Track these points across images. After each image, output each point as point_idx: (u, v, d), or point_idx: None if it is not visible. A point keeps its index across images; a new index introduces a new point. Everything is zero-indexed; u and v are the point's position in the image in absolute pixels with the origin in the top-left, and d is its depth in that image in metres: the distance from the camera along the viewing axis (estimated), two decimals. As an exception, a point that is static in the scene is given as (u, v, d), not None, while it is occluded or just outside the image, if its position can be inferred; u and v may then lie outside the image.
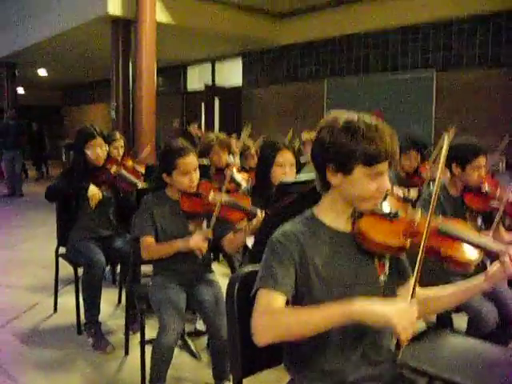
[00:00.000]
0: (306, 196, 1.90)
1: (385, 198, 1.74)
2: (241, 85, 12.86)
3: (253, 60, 12.49)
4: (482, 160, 3.18)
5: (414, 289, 1.54)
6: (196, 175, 2.99)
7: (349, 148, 1.59)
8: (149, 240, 2.94)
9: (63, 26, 10.60)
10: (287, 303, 1.60)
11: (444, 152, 1.68)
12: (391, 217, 1.74)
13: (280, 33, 11.34)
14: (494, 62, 8.36)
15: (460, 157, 3.19)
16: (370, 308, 1.47)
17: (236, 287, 1.77)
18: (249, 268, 1.84)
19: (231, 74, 13.21)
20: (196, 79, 14.47)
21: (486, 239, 1.81)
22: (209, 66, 13.92)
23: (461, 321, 3.17)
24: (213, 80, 13.81)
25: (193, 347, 3.61)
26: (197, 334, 3.84)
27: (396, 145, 1.64)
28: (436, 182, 1.71)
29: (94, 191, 3.81)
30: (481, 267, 1.75)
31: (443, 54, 8.97)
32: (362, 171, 1.60)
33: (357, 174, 1.61)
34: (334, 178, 1.64)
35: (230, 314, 1.79)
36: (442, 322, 3.16)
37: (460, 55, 8.76)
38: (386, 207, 1.76)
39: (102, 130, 3.97)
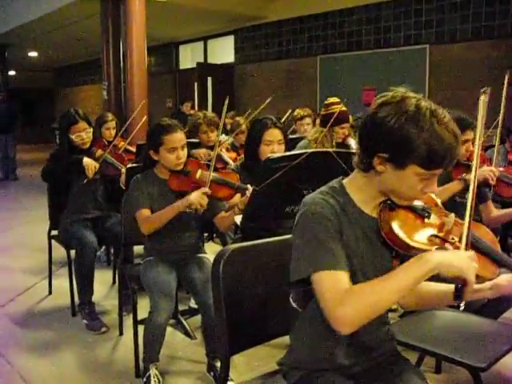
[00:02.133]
0: (293, 170, 1.89)
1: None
2: (233, 62, 12.77)
3: (245, 37, 12.38)
4: (468, 134, 3.16)
5: (467, 238, 1.46)
6: (183, 152, 2.97)
7: (413, 143, 1.42)
8: (146, 212, 2.91)
9: (52, 5, 10.50)
10: None
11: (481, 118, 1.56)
12: (423, 215, 1.59)
13: (272, 9, 11.23)
14: (487, 35, 8.29)
15: None
16: (444, 259, 1.39)
17: (222, 264, 1.74)
18: (235, 245, 1.83)
19: (223, 51, 13.11)
20: (188, 57, 14.36)
21: (505, 256, 1.69)
22: (201, 44, 13.81)
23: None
24: (205, 58, 13.70)
25: (186, 326, 3.63)
26: (191, 312, 3.85)
27: (460, 149, 1.50)
28: (471, 182, 1.55)
29: (88, 161, 3.77)
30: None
31: (436, 28, 8.89)
32: (416, 171, 1.46)
33: (409, 171, 1.47)
34: (382, 166, 1.50)
35: (216, 291, 1.76)
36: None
37: (453, 29, 8.69)
38: (418, 202, 1.62)
39: (85, 113, 3.92)
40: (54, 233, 4.13)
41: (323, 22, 10.60)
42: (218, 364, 2.91)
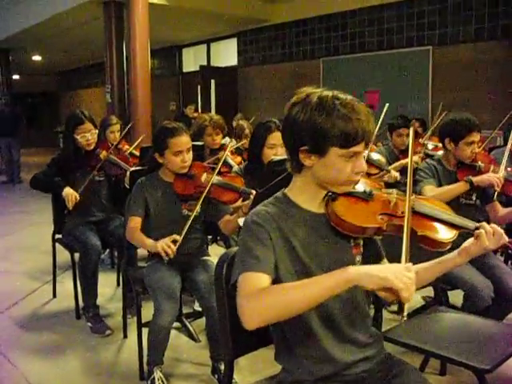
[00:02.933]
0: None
1: (359, 180, 1.66)
2: (236, 65, 12.78)
3: (248, 40, 12.40)
4: (475, 136, 3.18)
5: (406, 254, 1.48)
6: (188, 156, 2.98)
7: (323, 128, 1.51)
8: (134, 221, 2.97)
9: (55, 9, 10.55)
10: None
11: (411, 141, 1.68)
12: (366, 197, 1.69)
13: (274, 12, 11.25)
14: (490, 36, 8.28)
15: (453, 132, 3.20)
16: (365, 270, 1.40)
17: (225, 266, 1.75)
18: (235, 249, 1.83)
19: (226, 54, 13.13)
20: (192, 60, 14.38)
21: (461, 218, 1.77)
22: (204, 46, 13.82)
23: (457, 299, 3.17)
24: (208, 61, 13.72)
25: (191, 329, 3.63)
26: (195, 315, 3.85)
27: (372, 124, 1.57)
28: (409, 165, 1.65)
29: (68, 192, 3.72)
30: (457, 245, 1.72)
31: (439, 30, 8.89)
32: (337, 152, 1.53)
33: (332, 155, 1.54)
34: (307, 160, 1.57)
35: (219, 293, 1.77)
36: (438, 299, 3.18)
37: (456, 30, 8.67)
38: (361, 187, 1.70)
39: (91, 114, 3.94)
40: (59, 236, 4.13)
41: (326, 24, 10.61)
42: (223, 367, 2.91)
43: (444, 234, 1.72)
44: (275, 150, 3.15)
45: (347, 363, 1.66)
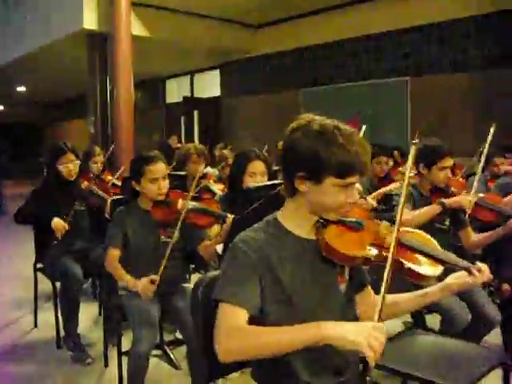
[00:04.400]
0: (273, 199, 1.94)
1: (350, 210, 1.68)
2: (219, 96, 12.93)
3: (230, 71, 12.58)
4: (447, 161, 3.26)
5: (380, 310, 1.47)
6: (164, 183, 3.04)
7: (322, 157, 1.54)
8: (113, 253, 3.02)
9: (40, 42, 10.66)
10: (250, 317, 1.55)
11: (410, 163, 1.66)
12: (357, 227, 1.70)
13: (256, 43, 11.46)
14: (464, 67, 8.51)
15: (426, 158, 3.28)
16: (338, 333, 1.41)
17: (200, 291, 1.79)
18: (214, 272, 1.88)
19: (209, 85, 13.29)
20: (175, 92, 14.52)
21: (449, 254, 1.80)
22: (187, 78, 13.99)
23: (435, 321, 3.22)
24: (192, 92, 13.87)
25: (172, 356, 3.64)
26: (177, 343, 3.86)
27: (369, 156, 1.60)
28: (403, 194, 1.66)
29: (56, 223, 3.78)
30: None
31: (415, 60, 9.11)
32: (333, 182, 1.56)
33: (327, 184, 1.57)
34: (302, 186, 1.59)
35: (195, 316, 1.81)
36: (416, 323, 3.23)
37: (432, 61, 8.91)
38: (352, 217, 1.72)
39: (73, 145, 4.00)
40: (40, 266, 4.14)
41: (306, 55, 10.81)
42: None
43: (429, 269, 1.72)
44: (255, 178, 3.19)
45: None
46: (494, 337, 3.37)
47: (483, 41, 8.25)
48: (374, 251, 1.66)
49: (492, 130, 3.63)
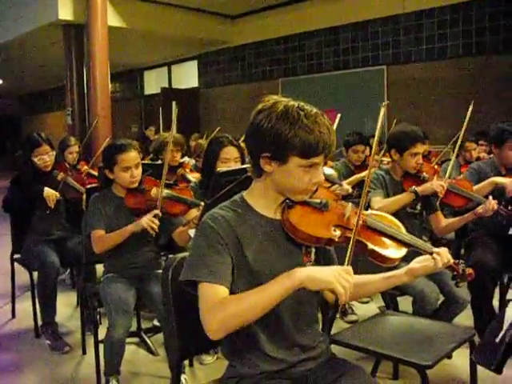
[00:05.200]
0: (243, 182, 1.97)
1: (316, 190, 1.71)
2: (197, 86, 12.91)
3: (208, 62, 12.57)
4: (419, 147, 3.30)
5: (349, 257, 1.59)
6: (138, 171, 3.06)
7: (286, 137, 1.55)
8: (99, 232, 3.00)
9: (15, 32, 10.55)
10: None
11: (379, 126, 1.72)
12: (321, 208, 1.72)
13: (233, 34, 11.48)
14: (440, 56, 8.61)
15: (398, 143, 3.32)
16: (309, 273, 1.49)
17: (170, 271, 1.83)
18: (182, 254, 1.91)
19: (188, 76, 13.28)
20: (153, 83, 14.47)
21: (413, 237, 1.85)
22: (165, 69, 13.95)
23: (408, 305, 3.29)
24: (170, 83, 13.83)
25: (150, 343, 3.67)
26: (154, 330, 3.89)
27: (333, 138, 1.62)
28: (367, 174, 1.78)
29: (49, 192, 3.84)
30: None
31: (392, 50, 9.19)
32: (297, 162, 1.58)
33: (291, 164, 1.59)
34: (268, 166, 1.62)
35: (165, 298, 1.84)
36: (387, 305, 3.30)
37: (408, 50, 9.00)
38: (318, 198, 1.74)
39: (48, 136, 4.00)
40: (17, 256, 4.14)
41: (284, 45, 10.86)
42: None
43: (393, 251, 1.77)
44: (228, 163, 3.23)
45: (291, 362, 1.73)
46: (465, 318, 3.47)
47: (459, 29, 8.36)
48: (337, 232, 1.69)
49: (470, 109, 3.69)
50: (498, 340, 1.38)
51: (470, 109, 3.70)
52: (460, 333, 2.49)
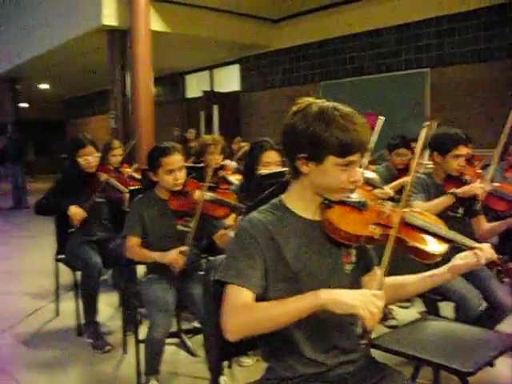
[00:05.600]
0: (284, 185, 1.97)
1: (354, 189, 1.71)
2: (239, 90, 12.97)
3: (250, 65, 12.62)
4: (461, 149, 3.25)
5: (381, 279, 1.56)
6: (181, 174, 3.08)
7: (322, 137, 1.57)
8: (134, 240, 3.06)
9: (61, 38, 10.81)
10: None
11: (420, 145, 1.72)
12: (360, 207, 1.73)
13: (275, 38, 11.51)
14: (485, 58, 8.43)
15: (440, 146, 3.28)
16: (335, 297, 1.47)
17: (212, 273, 1.83)
18: (223, 256, 1.90)
19: (229, 80, 13.36)
20: (195, 87, 14.59)
21: (454, 233, 1.82)
22: (207, 73, 14.06)
23: (449, 310, 3.22)
24: (211, 86, 13.93)
25: (189, 344, 3.70)
26: (195, 331, 3.91)
27: (368, 135, 1.64)
28: (410, 176, 1.76)
29: (74, 211, 3.87)
30: (444, 258, 1.79)
31: (436, 52, 9.05)
32: (334, 161, 1.59)
33: (328, 163, 1.59)
34: (305, 167, 1.62)
35: (206, 300, 1.86)
36: (429, 310, 3.24)
37: (452, 52, 8.84)
38: (356, 197, 1.74)
39: (93, 138, 4.08)
40: (61, 256, 4.21)
41: (325, 48, 10.82)
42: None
43: (434, 246, 1.75)
44: (269, 167, 3.24)
45: (330, 365, 1.70)
46: (509, 326, 3.37)
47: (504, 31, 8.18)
48: (377, 230, 1.69)
49: (511, 116, 3.59)
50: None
51: (510, 117, 3.59)
52: (503, 340, 2.43)
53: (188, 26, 10.07)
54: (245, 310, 1.54)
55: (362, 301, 1.44)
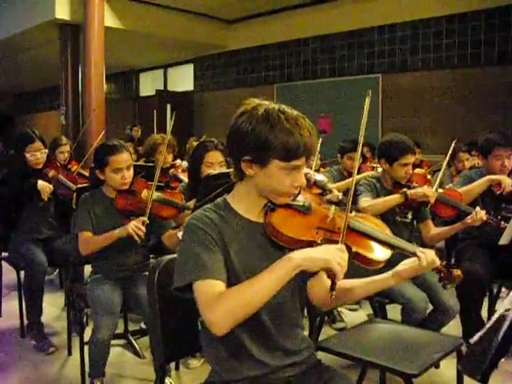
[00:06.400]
0: (231, 186, 1.97)
1: (299, 193, 1.70)
2: (192, 90, 12.91)
3: (204, 65, 12.56)
4: (409, 158, 3.27)
5: (343, 235, 1.63)
6: (129, 173, 3.04)
7: (266, 140, 1.54)
8: (86, 234, 2.98)
9: (11, 30, 10.48)
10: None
11: (365, 116, 1.78)
12: (304, 210, 1.71)
13: (230, 38, 11.47)
14: (435, 66, 8.64)
15: (388, 153, 3.30)
16: (306, 255, 1.51)
17: (157, 273, 1.81)
18: (168, 256, 1.89)
19: (183, 79, 13.26)
20: (149, 85, 14.43)
21: (398, 239, 1.82)
22: (161, 71, 13.93)
23: (396, 313, 3.27)
24: (165, 85, 13.81)
25: (136, 346, 3.65)
26: (141, 332, 3.87)
27: (315, 141, 1.62)
28: (353, 180, 1.80)
29: (43, 185, 3.81)
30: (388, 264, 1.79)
31: (388, 58, 9.22)
32: (278, 165, 1.57)
33: (272, 167, 1.58)
34: (249, 169, 1.61)
35: (151, 300, 1.83)
36: (375, 313, 3.29)
37: (404, 59, 9.02)
38: (301, 200, 1.73)
39: (41, 134, 3.98)
40: (4, 254, 4.11)
41: (280, 51, 10.86)
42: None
43: (378, 253, 1.74)
44: (212, 168, 3.23)
45: (274, 367, 1.70)
46: (454, 328, 3.46)
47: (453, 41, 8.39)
48: (320, 234, 1.68)
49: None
50: (484, 350, 1.37)
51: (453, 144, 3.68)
52: (448, 342, 2.48)
53: (143, 23, 9.93)
54: (224, 298, 1.50)
55: (332, 254, 1.51)
